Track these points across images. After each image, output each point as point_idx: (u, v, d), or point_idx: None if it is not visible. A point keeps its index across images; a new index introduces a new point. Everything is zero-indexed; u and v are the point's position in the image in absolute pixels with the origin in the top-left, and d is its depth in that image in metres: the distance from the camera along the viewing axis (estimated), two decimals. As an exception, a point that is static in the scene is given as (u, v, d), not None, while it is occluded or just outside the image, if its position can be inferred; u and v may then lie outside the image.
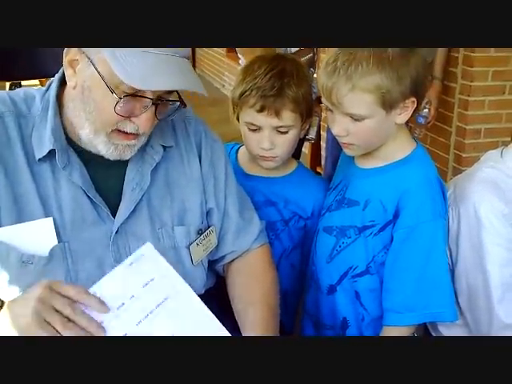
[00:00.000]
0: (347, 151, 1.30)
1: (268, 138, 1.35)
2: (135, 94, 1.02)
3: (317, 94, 2.24)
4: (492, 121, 2.99)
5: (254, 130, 1.36)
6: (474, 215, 1.26)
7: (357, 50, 1.16)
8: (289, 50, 2.10)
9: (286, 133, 1.37)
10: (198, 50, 7.77)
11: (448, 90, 2.99)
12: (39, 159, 1.07)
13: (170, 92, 1.07)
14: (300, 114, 1.38)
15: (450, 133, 3.06)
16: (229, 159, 1.32)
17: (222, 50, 6.50)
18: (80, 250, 1.08)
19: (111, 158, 1.09)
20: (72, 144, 1.10)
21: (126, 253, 1.10)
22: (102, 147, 1.08)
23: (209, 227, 1.23)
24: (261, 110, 1.32)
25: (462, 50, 2.90)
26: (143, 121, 1.05)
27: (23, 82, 3.51)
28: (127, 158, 1.11)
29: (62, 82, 1.11)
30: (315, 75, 2.40)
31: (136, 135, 1.08)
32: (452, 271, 1.32)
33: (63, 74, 1.10)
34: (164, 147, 1.19)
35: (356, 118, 1.19)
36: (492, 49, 2.86)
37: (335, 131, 1.24)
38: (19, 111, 1.09)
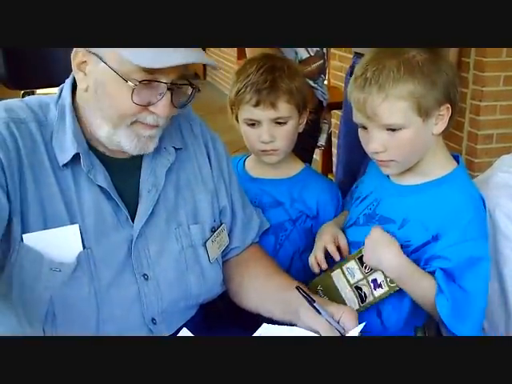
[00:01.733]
0: (386, 170, 1.24)
1: (267, 130, 1.39)
2: (150, 81, 1.03)
3: (327, 100, 2.25)
4: (504, 126, 2.97)
5: (253, 125, 1.41)
6: (490, 220, 1.25)
7: (384, 59, 1.15)
8: (299, 57, 2.10)
9: (284, 124, 1.41)
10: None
11: (459, 95, 2.98)
12: (63, 165, 1.07)
13: (182, 77, 1.07)
14: (296, 106, 1.42)
15: (461, 138, 3.05)
16: (229, 157, 1.35)
17: (233, 58, 6.52)
18: (102, 257, 1.08)
19: (134, 153, 1.09)
20: (91, 148, 1.12)
21: (145, 256, 1.12)
22: (125, 141, 1.08)
23: (220, 225, 1.26)
24: (257, 104, 1.37)
25: (473, 55, 2.89)
26: (161, 108, 1.05)
27: (37, 91, 3.55)
28: (150, 151, 1.11)
29: (73, 88, 1.13)
30: (325, 82, 2.41)
31: (156, 126, 1.08)
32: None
33: (74, 80, 1.12)
34: (175, 149, 1.21)
35: (393, 129, 1.16)
36: (503, 54, 2.85)
37: (373, 147, 1.19)
38: (38, 118, 1.10)
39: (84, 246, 1.07)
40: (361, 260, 1.26)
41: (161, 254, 1.14)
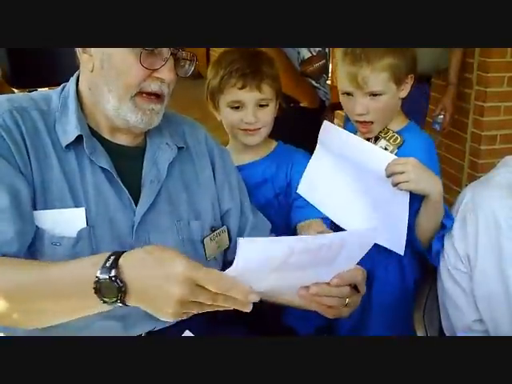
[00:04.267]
0: (365, 131, 1.49)
1: (252, 112, 1.47)
2: (156, 47, 1.09)
3: (330, 100, 2.24)
4: (508, 127, 2.96)
5: (237, 108, 1.48)
6: (493, 220, 1.25)
7: None
8: (302, 56, 2.10)
9: (266, 106, 1.49)
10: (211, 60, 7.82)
11: (463, 96, 2.97)
12: (66, 146, 1.11)
13: (183, 49, 1.15)
14: (275, 91, 1.51)
15: (465, 139, 3.04)
16: (236, 169, 1.40)
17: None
18: (103, 237, 1.11)
19: (141, 126, 1.14)
20: (94, 135, 1.16)
21: (145, 243, 1.13)
22: (130, 115, 1.13)
23: (221, 226, 1.29)
24: (243, 87, 1.45)
25: (477, 56, 2.89)
26: (166, 72, 1.11)
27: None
28: (155, 125, 1.17)
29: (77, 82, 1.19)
30: (328, 81, 2.40)
31: (158, 97, 1.14)
32: (470, 278, 1.31)
33: (77, 76, 1.18)
34: (177, 147, 1.25)
35: (375, 94, 1.43)
36: (508, 54, 2.84)
37: (358, 110, 1.45)
38: (40, 107, 1.15)
39: (87, 224, 1.10)
40: (368, 139, 1.48)
41: (161, 244, 1.14)
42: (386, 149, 1.46)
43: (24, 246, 1.04)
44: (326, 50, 2.20)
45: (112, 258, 0.89)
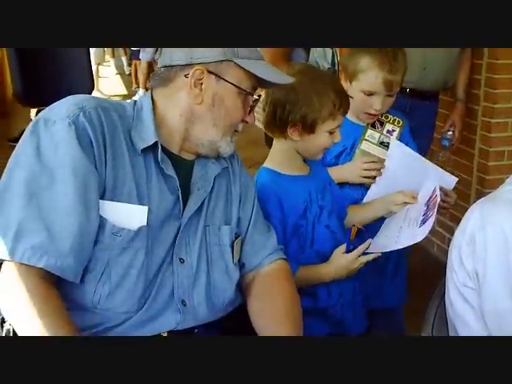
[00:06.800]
0: (372, 120, 1.84)
1: (340, 132, 1.61)
2: (255, 95, 1.28)
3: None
4: (516, 143, 2.96)
5: (333, 133, 1.59)
6: (502, 236, 1.26)
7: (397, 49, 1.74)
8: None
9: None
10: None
11: (471, 112, 2.98)
12: (141, 150, 1.20)
13: None
14: None
15: (473, 155, 3.05)
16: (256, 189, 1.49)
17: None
18: (156, 238, 1.20)
19: (226, 155, 1.32)
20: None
21: (185, 243, 1.25)
22: (225, 146, 1.29)
23: (239, 236, 1.38)
24: (344, 113, 1.61)
25: (484, 72, 2.90)
26: (252, 116, 1.31)
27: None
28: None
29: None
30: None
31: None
32: (479, 294, 1.31)
33: (151, 95, 1.27)
34: (221, 167, 1.35)
35: (391, 95, 1.77)
36: (515, 70, 2.85)
37: (379, 107, 1.76)
38: (118, 111, 1.23)
39: (146, 223, 1.18)
40: (373, 125, 1.85)
41: (197, 245, 1.27)
42: (393, 130, 1.85)
43: (84, 255, 1.11)
44: (335, 67, 2.22)
45: None
